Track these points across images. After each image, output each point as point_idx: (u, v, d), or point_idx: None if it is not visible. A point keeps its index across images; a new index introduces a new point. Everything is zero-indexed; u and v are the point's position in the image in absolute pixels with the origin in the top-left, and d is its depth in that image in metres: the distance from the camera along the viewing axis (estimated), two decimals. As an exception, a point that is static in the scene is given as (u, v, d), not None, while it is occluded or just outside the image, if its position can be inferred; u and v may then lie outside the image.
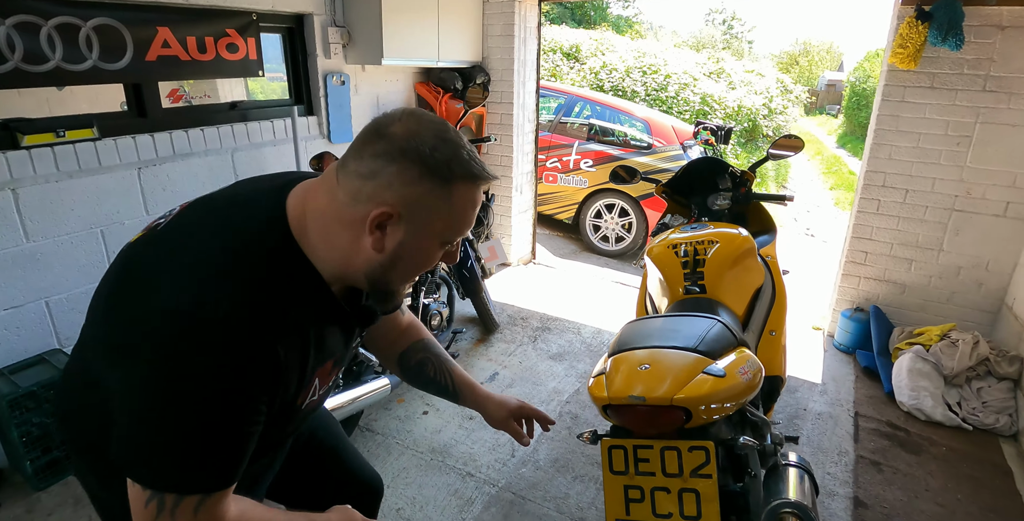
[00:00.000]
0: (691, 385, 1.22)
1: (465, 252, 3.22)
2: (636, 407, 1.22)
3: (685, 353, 1.32)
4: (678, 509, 1.21)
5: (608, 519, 1.27)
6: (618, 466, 1.26)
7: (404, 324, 1.31)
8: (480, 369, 3.14)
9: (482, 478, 2.34)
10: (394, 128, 0.81)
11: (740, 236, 2.07)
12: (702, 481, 1.20)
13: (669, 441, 1.23)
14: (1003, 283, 3.31)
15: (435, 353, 1.30)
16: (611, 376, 1.28)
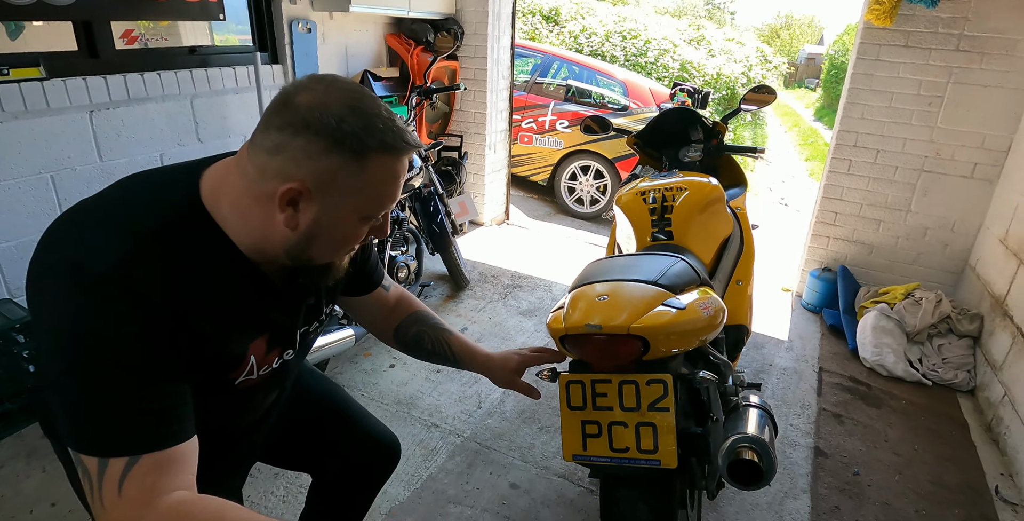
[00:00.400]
0: (650, 315, 1.19)
1: (435, 206, 3.16)
2: (593, 337, 1.19)
3: (645, 285, 1.29)
4: (635, 443, 1.19)
5: (565, 455, 1.26)
6: (576, 402, 1.24)
7: (393, 300, 1.28)
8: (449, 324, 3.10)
9: (447, 429, 2.33)
10: (300, 97, 0.76)
11: (709, 184, 2.04)
12: (659, 414, 1.18)
13: (627, 375, 1.20)
14: (967, 244, 3.36)
15: (430, 325, 1.27)
16: (569, 309, 1.25)
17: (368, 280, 1.23)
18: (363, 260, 1.18)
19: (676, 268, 1.40)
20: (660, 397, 1.18)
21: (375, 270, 1.24)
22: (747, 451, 1.21)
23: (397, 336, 1.27)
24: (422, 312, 1.30)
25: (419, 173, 2.75)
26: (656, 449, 1.18)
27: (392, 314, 1.28)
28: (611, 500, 1.34)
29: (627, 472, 1.23)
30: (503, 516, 1.93)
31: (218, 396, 0.92)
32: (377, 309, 1.26)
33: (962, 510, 2.12)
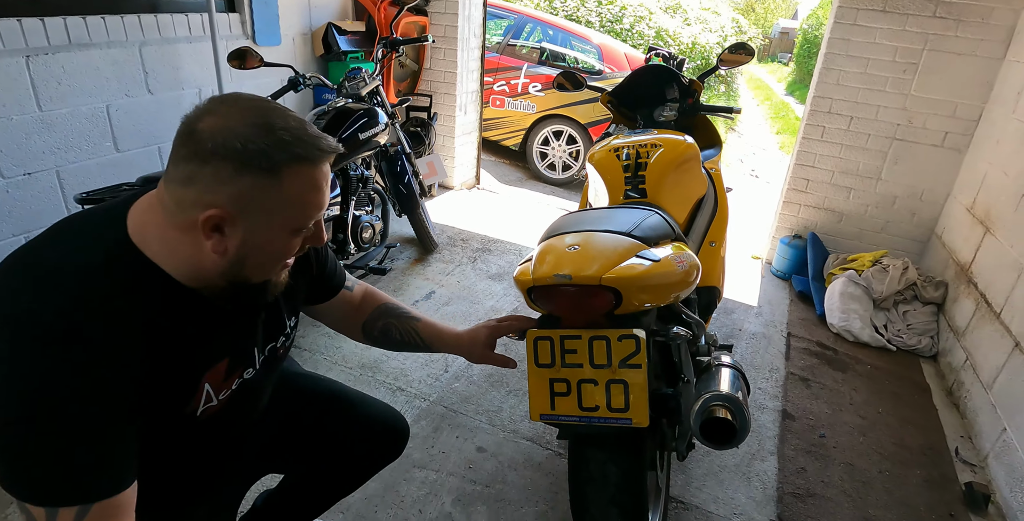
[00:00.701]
0: (623, 266, 1.12)
1: (403, 167, 3.03)
2: (563, 289, 1.12)
3: (618, 236, 1.22)
4: (605, 401, 1.14)
5: (532, 415, 1.20)
6: (544, 359, 1.18)
7: (358, 298, 1.27)
8: (416, 288, 3.02)
9: (413, 393, 2.27)
10: (202, 124, 0.75)
11: (684, 142, 1.97)
12: (631, 371, 1.13)
13: (597, 331, 1.14)
14: (934, 213, 3.39)
15: (396, 315, 1.27)
16: (538, 260, 1.18)
17: (329, 284, 1.20)
18: (319, 266, 1.15)
19: (651, 221, 1.34)
20: (632, 353, 1.12)
21: (335, 274, 1.21)
22: (720, 409, 1.17)
23: (365, 332, 1.27)
24: (387, 304, 1.29)
25: (384, 130, 2.63)
26: (627, 407, 1.13)
27: (358, 312, 1.26)
28: (580, 461, 1.29)
29: (596, 431, 1.18)
30: (469, 480, 1.89)
31: (184, 429, 0.91)
32: (343, 310, 1.25)
33: (923, 470, 2.15)
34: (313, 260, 1.13)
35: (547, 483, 1.90)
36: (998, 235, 2.67)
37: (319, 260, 1.14)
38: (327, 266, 1.17)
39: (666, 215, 1.52)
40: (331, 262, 1.20)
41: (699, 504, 1.89)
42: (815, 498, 1.97)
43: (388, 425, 1.32)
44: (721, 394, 1.20)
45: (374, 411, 1.32)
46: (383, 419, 1.32)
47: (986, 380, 2.43)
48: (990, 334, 2.50)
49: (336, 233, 2.52)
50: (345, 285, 1.24)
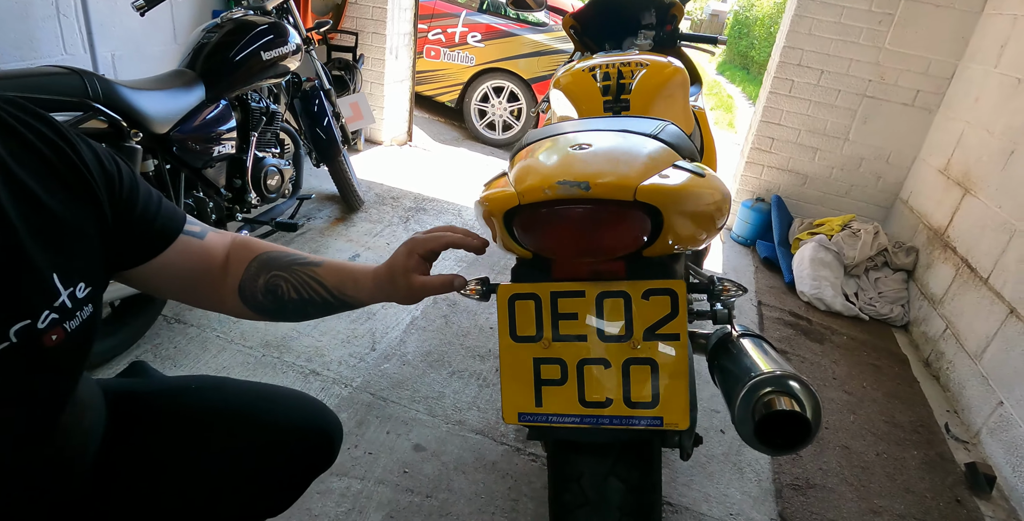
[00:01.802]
0: (663, 176, 0.72)
1: (321, 106, 2.51)
2: (568, 210, 0.69)
3: (645, 138, 0.82)
4: (622, 392, 0.74)
5: (506, 415, 0.79)
6: (525, 329, 0.76)
7: (219, 251, 0.82)
8: (336, 250, 2.53)
9: (330, 377, 1.81)
10: None
11: (672, 65, 1.59)
12: (665, 346, 0.73)
13: (611, 283, 0.74)
14: (900, 178, 3.20)
15: (283, 265, 0.82)
16: (524, 169, 0.75)
17: (152, 226, 0.73)
18: (126, 190, 0.69)
19: (672, 129, 0.94)
20: (665, 318, 0.73)
21: (160, 210, 0.74)
22: (782, 398, 0.80)
23: (245, 296, 0.81)
24: (271, 253, 0.83)
25: (296, 54, 2.10)
26: (656, 401, 0.73)
27: (226, 270, 0.81)
28: (566, 476, 0.89)
29: (608, 437, 0.78)
30: (404, 489, 1.47)
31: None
32: (195, 269, 0.79)
33: (919, 450, 1.92)
34: (116, 177, 0.67)
35: (503, 488, 1.50)
36: (981, 196, 2.47)
37: (123, 181, 0.68)
38: (139, 192, 0.71)
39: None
40: (154, 194, 0.74)
41: (689, 505, 1.55)
42: (816, 489, 1.68)
43: (308, 427, 0.87)
44: (775, 375, 0.83)
45: (284, 414, 0.87)
46: (300, 421, 0.87)
47: (973, 350, 2.22)
48: (976, 301, 2.30)
49: (232, 177, 2.00)
50: (188, 230, 0.78)
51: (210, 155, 1.82)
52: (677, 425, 0.73)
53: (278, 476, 0.86)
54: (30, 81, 1.34)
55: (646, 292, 0.72)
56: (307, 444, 0.86)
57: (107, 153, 0.69)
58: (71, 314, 0.61)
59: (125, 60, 2.60)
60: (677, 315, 0.72)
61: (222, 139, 1.85)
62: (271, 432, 0.84)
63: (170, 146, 1.70)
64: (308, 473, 0.90)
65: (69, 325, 0.61)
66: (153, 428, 0.81)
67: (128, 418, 0.80)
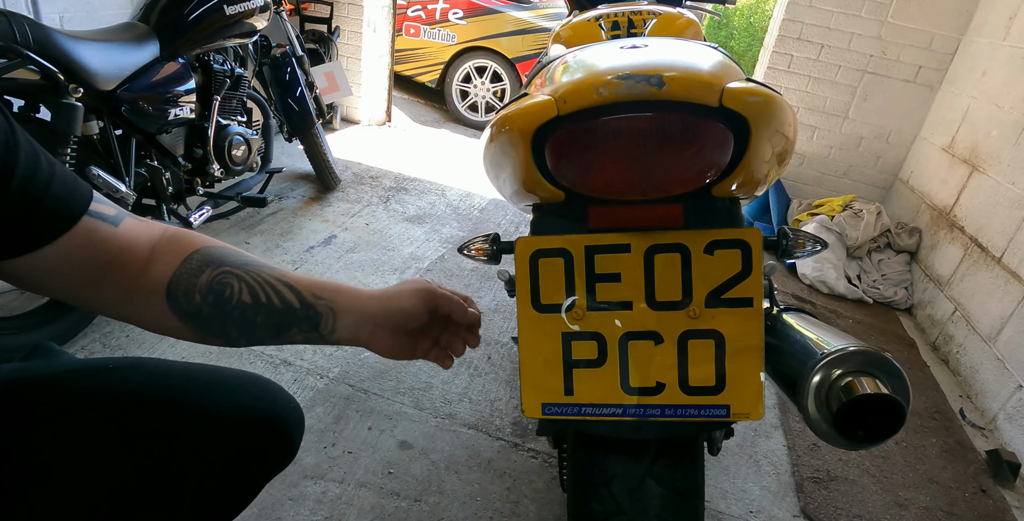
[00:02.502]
0: (748, 83, 0.55)
1: (293, 75, 2.30)
2: (630, 120, 0.51)
3: (708, 48, 0.65)
4: (677, 375, 0.58)
5: (527, 407, 0.61)
6: (552, 295, 0.59)
7: (142, 247, 0.61)
8: (311, 231, 2.33)
9: (304, 367, 1.63)
10: None
11: (684, 16, 1.44)
12: (733, 313, 0.57)
13: (664, 234, 0.57)
14: (900, 157, 3.10)
15: (237, 261, 0.62)
16: (563, 72, 0.57)
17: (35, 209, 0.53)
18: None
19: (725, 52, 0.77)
20: (735, 278, 0.56)
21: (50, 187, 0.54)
22: (862, 379, 0.64)
23: (173, 297, 0.60)
24: (220, 248, 0.64)
25: (263, 12, 1.90)
26: (721, 384, 0.57)
27: (146, 268, 0.60)
28: (593, 479, 0.73)
29: (662, 433, 0.62)
30: (390, 492, 1.29)
31: None
32: (99, 263, 0.58)
33: (938, 438, 1.81)
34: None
35: (501, 489, 1.34)
36: (991, 173, 2.36)
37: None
38: (19, 153, 0.52)
39: None
40: (44, 160, 0.54)
41: (706, 502, 1.40)
42: (838, 482, 1.55)
43: (258, 413, 0.69)
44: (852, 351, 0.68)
45: (227, 398, 0.68)
46: (247, 406, 0.69)
47: (986, 332, 2.11)
48: (988, 281, 2.19)
49: (192, 147, 1.79)
50: (96, 211, 0.58)
51: (165, 119, 1.61)
52: (749, 415, 0.57)
53: (221, 474, 0.68)
54: (-60, 20, 1.13)
55: (710, 245, 0.56)
56: (257, 434, 0.68)
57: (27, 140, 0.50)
58: None
59: (75, 23, 2.36)
60: (751, 274, 0.55)
61: (179, 101, 1.64)
62: (210, 419, 0.65)
63: (118, 106, 1.49)
64: (261, 471, 0.72)
65: None
66: (56, 419, 0.62)
67: (27, 410, 0.61)
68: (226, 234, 2.18)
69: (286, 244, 2.21)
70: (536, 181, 0.60)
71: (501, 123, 0.60)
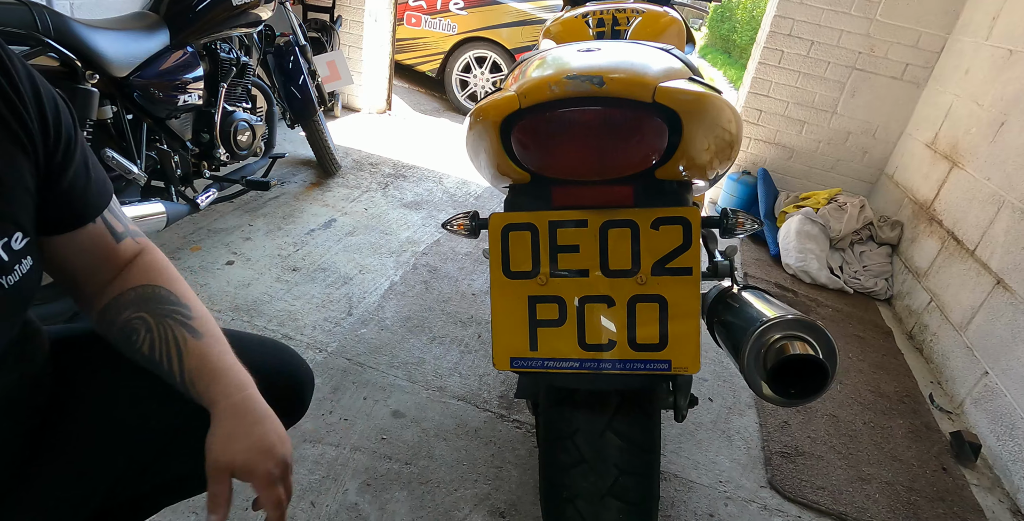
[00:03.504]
0: (683, 82, 0.64)
1: (296, 63, 2.38)
2: (579, 112, 0.60)
3: (657, 50, 0.74)
4: (627, 333, 0.67)
5: (497, 360, 0.71)
6: (520, 263, 0.69)
7: (121, 256, 0.69)
8: (312, 215, 2.42)
9: (304, 341, 1.72)
10: None
11: (668, 14, 1.52)
12: (674, 280, 0.66)
13: (617, 211, 0.66)
14: (886, 153, 3.18)
15: (159, 309, 0.67)
16: (525, 72, 0.66)
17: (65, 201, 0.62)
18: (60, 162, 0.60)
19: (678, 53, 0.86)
20: (676, 250, 0.65)
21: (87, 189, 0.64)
22: (794, 343, 0.74)
23: (101, 322, 0.69)
24: (158, 290, 0.69)
25: (267, 1, 1.97)
26: (665, 342, 0.66)
27: (114, 280, 0.69)
28: (560, 432, 0.83)
29: (612, 384, 0.71)
30: (383, 456, 1.39)
31: None
32: (87, 265, 0.67)
33: (905, 420, 1.90)
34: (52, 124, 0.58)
35: (486, 455, 1.44)
36: (969, 169, 2.44)
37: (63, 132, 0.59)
38: (74, 157, 0.61)
39: None
40: (90, 164, 0.64)
41: (678, 472, 1.50)
42: (805, 457, 1.65)
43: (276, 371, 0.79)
44: (786, 319, 0.77)
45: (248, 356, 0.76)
46: (266, 364, 0.77)
47: (958, 322, 2.21)
48: (962, 273, 2.28)
49: (200, 132, 1.87)
50: (108, 222, 0.67)
51: (174, 104, 1.70)
52: (687, 369, 0.66)
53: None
54: (-33, 9, 1.21)
55: (656, 221, 0.65)
56: (274, 389, 0.77)
57: (54, 104, 0.59)
58: (8, 268, 0.53)
59: (84, 10, 2.43)
60: (690, 247, 0.65)
61: (187, 88, 1.73)
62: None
63: (130, 92, 1.57)
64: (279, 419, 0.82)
65: (6, 280, 0.53)
66: (101, 374, 0.72)
67: (73, 363, 0.71)
68: (231, 216, 2.27)
69: (288, 227, 2.30)
70: (506, 164, 0.69)
71: (476, 114, 0.68)
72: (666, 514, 1.38)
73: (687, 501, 1.43)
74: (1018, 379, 1.82)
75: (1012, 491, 1.71)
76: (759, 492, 1.50)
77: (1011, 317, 1.94)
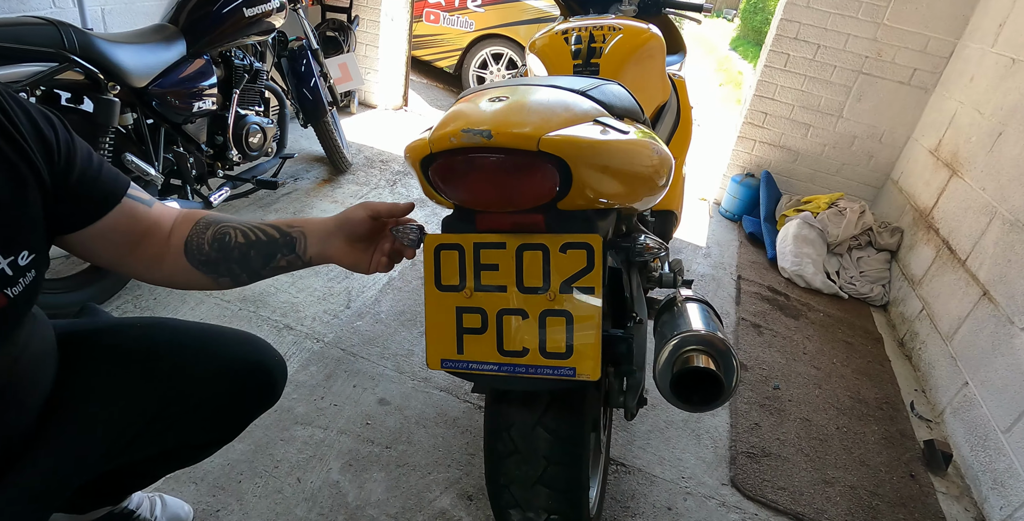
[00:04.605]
0: (576, 129, 0.73)
1: (308, 67, 2.50)
2: (477, 158, 0.71)
3: (568, 92, 0.83)
4: (538, 342, 0.78)
5: (430, 361, 0.82)
6: (449, 278, 0.79)
7: (167, 223, 0.84)
8: (320, 211, 2.55)
9: (304, 332, 1.86)
10: None
11: (648, 31, 1.59)
12: (580, 299, 0.76)
13: (531, 235, 0.76)
14: (892, 158, 3.18)
15: (233, 221, 0.85)
16: (444, 119, 0.77)
17: (90, 192, 0.74)
18: (64, 166, 0.70)
19: (613, 87, 0.95)
20: (581, 271, 0.75)
21: (100, 176, 0.75)
22: (699, 356, 0.83)
23: (189, 252, 0.83)
24: (215, 215, 0.86)
25: (280, 11, 2.09)
26: (570, 352, 0.76)
27: (168, 238, 0.83)
28: (498, 426, 0.94)
29: (524, 386, 0.82)
30: (365, 439, 1.52)
31: None
32: (135, 233, 0.80)
33: (881, 426, 1.96)
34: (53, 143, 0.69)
35: (462, 443, 1.55)
36: (966, 178, 2.46)
37: (60, 145, 0.70)
38: (76, 155, 0.72)
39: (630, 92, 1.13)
40: (94, 157, 0.75)
41: (642, 466, 1.60)
42: (771, 458, 1.72)
43: (250, 362, 0.92)
44: (698, 334, 0.86)
45: (226, 350, 0.91)
46: (241, 356, 0.91)
47: (945, 331, 2.24)
48: (952, 283, 2.31)
49: (214, 134, 2.01)
50: (133, 194, 0.80)
51: (190, 110, 1.83)
52: (589, 376, 0.76)
53: (222, 407, 0.91)
54: (5, 31, 1.35)
55: (564, 245, 0.75)
56: (248, 378, 0.90)
57: (43, 116, 0.70)
58: (13, 281, 0.65)
59: (116, 14, 2.58)
60: (593, 269, 0.74)
61: (203, 95, 1.86)
62: (213, 365, 0.88)
63: (149, 100, 1.71)
64: (251, 406, 0.95)
65: (11, 291, 0.65)
66: (99, 362, 0.84)
67: (77, 355, 0.84)
68: (245, 212, 2.42)
69: (297, 223, 2.43)
70: (431, 194, 0.80)
71: (405, 152, 0.79)
72: (625, 505, 1.47)
73: (647, 494, 1.52)
74: (995, 391, 1.85)
75: (979, 500, 1.75)
76: (719, 489, 1.59)
77: (993, 329, 1.97)
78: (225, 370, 0.89)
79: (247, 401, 0.95)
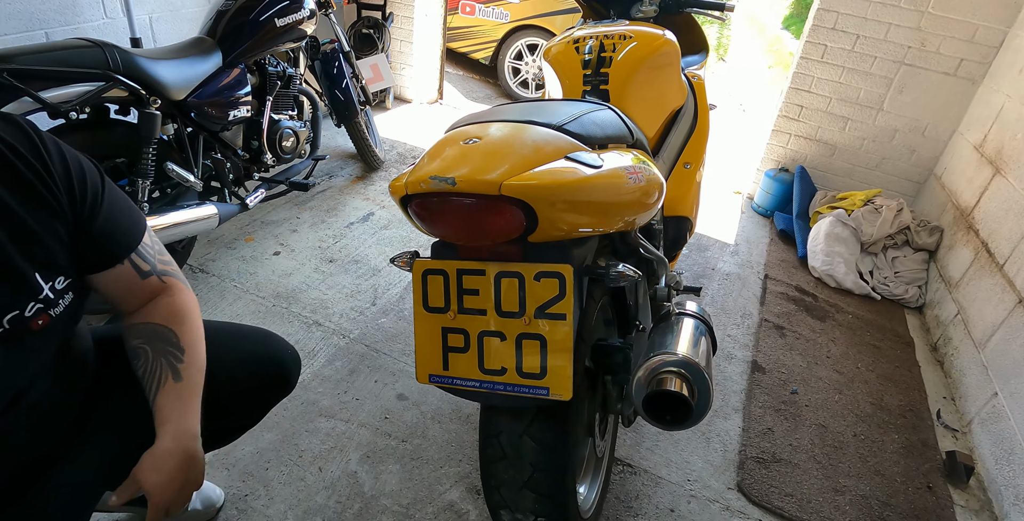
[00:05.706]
0: (540, 171, 0.78)
1: (340, 69, 2.59)
2: (446, 199, 0.76)
3: (542, 129, 0.87)
4: (515, 362, 0.83)
5: (419, 375, 0.89)
6: (435, 301, 0.86)
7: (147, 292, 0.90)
8: (353, 208, 2.65)
9: (331, 328, 1.96)
10: None
11: (662, 37, 1.59)
12: (552, 324, 0.81)
13: (508, 264, 0.81)
14: (936, 152, 3.06)
15: (160, 347, 0.87)
16: (423, 159, 0.82)
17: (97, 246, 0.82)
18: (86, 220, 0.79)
19: (597, 115, 0.98)
20: (554, 299, 0.80)
21: (107, 236, 0.82)
22: (672, 379, 0.87)
23: (126, 331, 0.90)
24: (170, 332, 0.88)
25: (310, 18, 2.17)
26: (544, 373, 0.82)
27: (140, 310, 0.90)
28: (488, 433, 1.00)
29: (503, 402, 0.88)
30: (383, 433, 1.61)
31: None
32: (115, 298, 0.88)
33: (901, 435, 1.93)
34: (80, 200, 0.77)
35: (473, 440, 1.63)
36: (1009, 177, 2.36)
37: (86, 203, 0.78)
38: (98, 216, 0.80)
39: (623, 115, 1.16)
40: (121, 223, 0.84)
41: (649, 468, 1.64)
42: (781, 464, 1.74)
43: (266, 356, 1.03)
44: (675, 358, 0.90)
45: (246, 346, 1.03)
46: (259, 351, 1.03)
47: (978, 338, 2.18)
48: (988, 287, 2.24)
49: (249, 139, 2.12)
50: (136, 262, 0.86)
51: (227, 119, 1.94)
52: (561, 396, 0.82)
53: (240, 396, 1.02)
54: (54, 55, 1.46)
55: (537, 274, 0.80)
56: (264, 370, 1.01)
57: (79, 165, 0.78)
58: (54, 303, 0.75)
59: (163, 22, 2.72)
60: (564, 297, 0.79)
61: (238, 103, 1.96)
62: (233, 359, 0.98)
63: (188, 111, 1.82)
64: (268, 395, 1.07)
65: (53, 311, 0.75)
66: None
67: (113, 355, 0.94)
68: (282, 209, 2.54)
69: (330, 219, 2.54)
70: (417, 227, 0.86)
71: (389, 188, 0.85)
72: (628, 506, 1.53)
73: (651, 495, 1.57)
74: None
75: (1000, 516, 1.71)
76: (725, 493, 1.62)
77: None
78: (245, 363, 1.01)
79: (264, 390, 1.06)
